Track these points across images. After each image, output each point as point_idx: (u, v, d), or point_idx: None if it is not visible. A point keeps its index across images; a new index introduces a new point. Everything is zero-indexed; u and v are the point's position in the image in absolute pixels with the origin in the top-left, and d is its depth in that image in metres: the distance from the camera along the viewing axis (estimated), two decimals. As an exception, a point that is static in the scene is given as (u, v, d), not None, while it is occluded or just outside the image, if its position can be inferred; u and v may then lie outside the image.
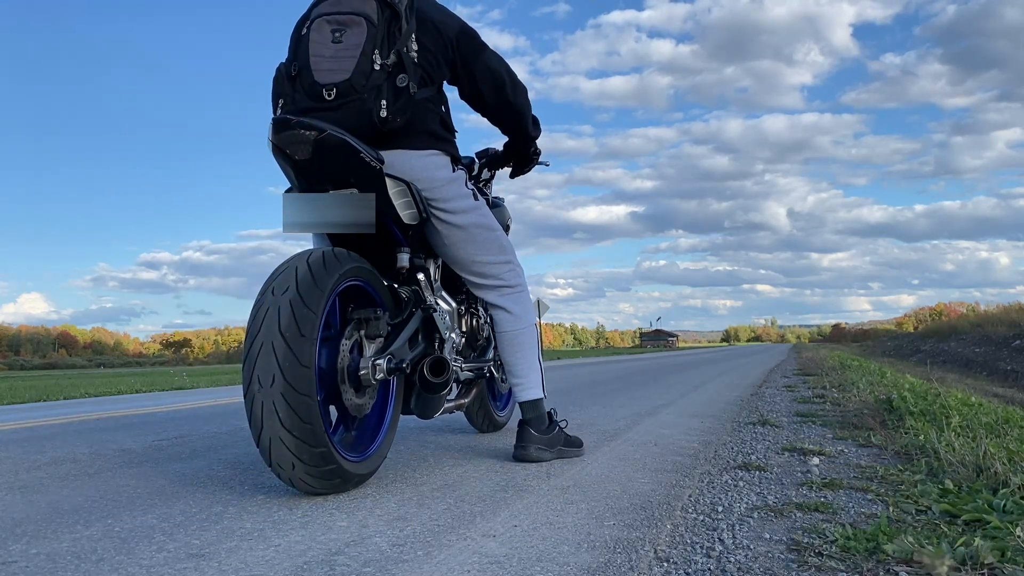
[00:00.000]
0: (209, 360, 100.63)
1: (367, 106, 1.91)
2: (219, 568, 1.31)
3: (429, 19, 2.08)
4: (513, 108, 2.34)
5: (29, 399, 7.30)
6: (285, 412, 1.63)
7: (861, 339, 74.75)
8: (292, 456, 1.67)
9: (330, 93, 1.92)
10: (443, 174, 2.13)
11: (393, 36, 1.97)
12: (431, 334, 2.26)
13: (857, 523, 1.55)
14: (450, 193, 2.14)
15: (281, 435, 1.64)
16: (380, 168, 1.96)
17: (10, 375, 45.20)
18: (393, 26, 1.97)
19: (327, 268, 1.77)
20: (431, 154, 2.10)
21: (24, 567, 1.34)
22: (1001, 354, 17.46)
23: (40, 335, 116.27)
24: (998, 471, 1.82)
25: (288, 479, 1.74)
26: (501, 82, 2.25)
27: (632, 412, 3.84)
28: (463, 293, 2.58)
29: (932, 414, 3.10)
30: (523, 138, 2.50)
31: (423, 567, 1.30)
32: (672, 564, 1.33)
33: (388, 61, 1.94)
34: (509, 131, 2.47)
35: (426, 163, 2.09)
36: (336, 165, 1.92)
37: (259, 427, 1.66)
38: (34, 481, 2.20)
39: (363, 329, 1.97)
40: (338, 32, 1.95)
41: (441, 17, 2.13)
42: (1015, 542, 1.34)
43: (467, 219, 2.19)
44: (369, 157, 1.93)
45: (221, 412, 4.42)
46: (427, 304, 2.23)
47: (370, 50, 1.93)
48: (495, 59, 2.24)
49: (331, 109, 1.92)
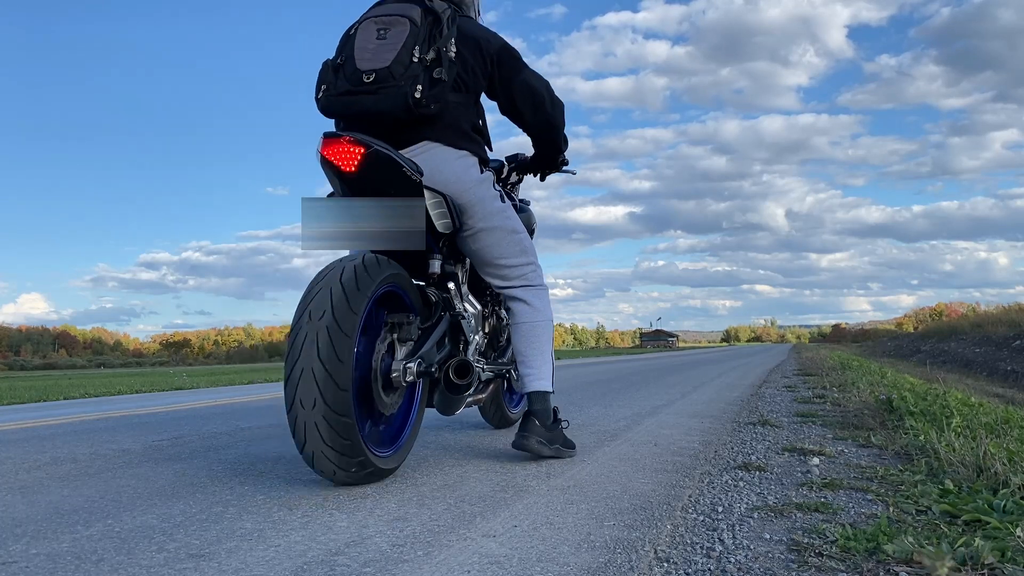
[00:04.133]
0: (209, 360, 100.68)
1: (403, 90, 2.02)
2: (219, 568, 1.31)
3: (471, 35, 2.22)
4: (551, 124, 2.45)
5: (29, 399, 7.30)
6: (326, 431, 1.77)
7: (861, 339, 74.79)
8: (333, 465, 1.83)
9: (369, 77, 2.04)
10: (473, 175, 2.22)
11: (433, 37, 2.11)
12: (457, 336, 2.36)
13: (857, 523, 1.55)
14: (479, 194, 2.23)
15: (323, 450, 1.79)
16: (419, 181, 2.07)
17: (10, 375, 45.21)
18: (435, 29, 2.12)
19: (360, 287, 1.85)
20: (463, 155, 2.21)
21: (24, 567, 1.34)
22: (1001, 354, 17.46)
23: (40, 335, 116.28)
24: (998, 471, 1.82)
25: (328, 478, 1.91)
26: (540, 100, 2.36)
27: (632, 412, 3.84)
28: (487, 295, 2.68)
29: (932, 414, 3.10)
30: (555, 150, 2.61)
31: (423, 567, 1.30)
32: (672, 564, 1.32)
33: (427, 56, 2.07)
34: (543, 144, 2.57)
35: (457, 164, 2.19)
36: (380, 178, 2.01)
37: (303, 441, 1.79)
38: (34, 481, 2.20)
39: (396, 333, 2.08)
40: (383, 30, 2.10)
41: (483, 35, 2.27)
42: (1015, 542, 1.34)
43: (494, 221, 2.28)
44: (410, 171, 2.03)
45: (221, 412, 4.42)
46: (456, 311, 2.33)
47: (411, 45, 2.07)
48: (534, 77, 2.35)
49: (369, 92, 2.04)
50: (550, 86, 2.41)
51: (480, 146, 2.29)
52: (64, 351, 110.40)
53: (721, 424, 3.40)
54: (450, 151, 2.17)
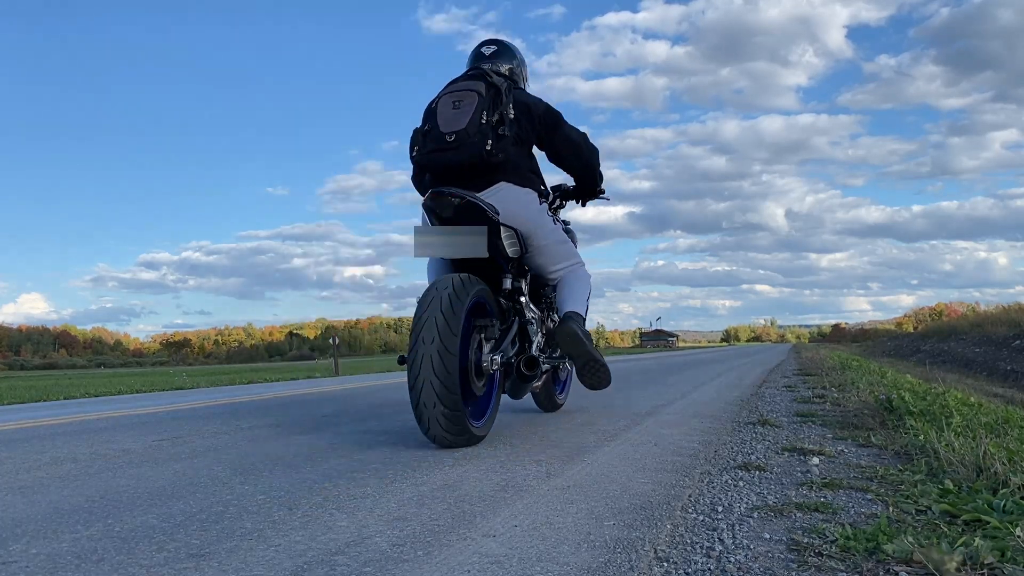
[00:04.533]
0: (209, 360, 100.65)
1: (477, 145, 2.63)
2: (219, 568, 1.31)
3: (523, 102, 2.86)
4: (588, 167, 3.17)
5: (29, 399, 7.30)
6: (444, 421, 2.44)
7: (861, 339, 74.77)
8: (448, 440, 2.50)
9: (450, 137, 2.66)
10: (534, 207, 2.89)
11: (496, 104, 2.73)
12: (524, 336, 2.99)
13: (857, 523, 1.55)
14: (539, 221, 2.91)
15: (441, 433, 2.47)
16: (497, 219, 2.71)
17: (10, 375, 45.24)
18: (496, 99, 2.74)
19: (455, 311, 2.44)
20: (527, 192, 2.85)
21: (24, 567, 1.34)
22: (1001, 354, 17.46)
23: (40, 335, 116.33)
24: (998, 471, 1.82)
25: (443, 446, 2.54)
26: (578, 148, 3.06)
27: (632, 412, 3.84)
28: (543, 303, 3.26)
29: (932, 414, 3.10)
30: (593, 184, 3.29)
31: (423, 567, 1.30)
32: (672, 564, 1.33)
33: (492, 119, 2.69)
34: (582, 181, 3.27)
35: (523, 198, 2.84)
36: (468, 218, 2.68)
37: (427, 428, 2.47)
38: (34, 481, 2.20)
39: (483, 333, 2.72)
40: (457, 102, 2.72)
41: (531, 101, 2.92)
42: (1015, 542, 1.33)
43: (549, 239, 2.97)
44: (491, 213, 2.69)
45: (221, 412, 4.42)
46: (525, 318, 2.97)
47: (479, 111, 2.68)
48: (573, 131, 3.03)
49: (452, 148, 2.65)
50: (586, 137, 3.08)
51: (537, 184, 2.96)
52: (64, 351, 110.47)
53: (721, 424, 3.40)
54: (518, 189, 2.80)
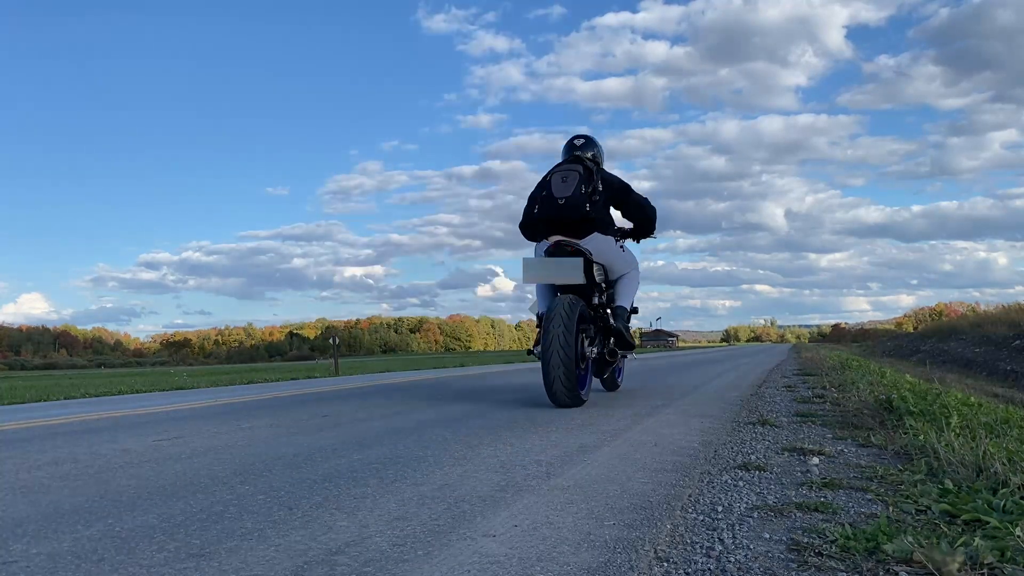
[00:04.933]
0: (209, 360, 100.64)
1: (580, 207, 4.15)
2: (219, 568, 1.31)
3: (606, 179, 4.39)
4: (649, 222, 4.63)
5: (29, 399, 7.30)
6: (566, 391, 3.88)
7: (861, 339, 74.73)
8: (567, 399, 3.91)
9: (562, 201, 4.16)
10: (616, 249, 4.48)
11: (589, 180, 4.25)
12: (607, 336, 4.44)
13: (857, 523, 1.56)
14: (617, 256, 4.50)
15: (563, 393, 3.89)
16: (591, 257, 4.26)
17: (10, 375, 45.20)
18: (589, 177, 4.27)
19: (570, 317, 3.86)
20: (609, 239, 4.39)
21: (25, 567, 1.34)
22: (1001, 354, 17.46)
23: (40, 335, 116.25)
24: (998, 471, 1.82)
25: (561, 406, 3.96)
26: (643, 212, 4.55)
27: (632, 412, 3.84)
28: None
29: (932, 414, 3.10)
30: (650, 231, 4.72)
31: (423, 567, 1.30)
32: (672, 564, 1.33)
33: (588, 189, 4.20)
34: (642, 228, 4.67)
35: (608, 243, 4.38)
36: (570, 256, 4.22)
37: (552, 391, 3.89)
38: (34, 481, 2.21)
39: (584, 333, 4.11)
40: (565, 177, 4.26)
41: (611, 178, 4.44)
42: (1015, 542, 1.34)
43: (624, 268, 4.57)
44: (588, 254, 4.22)
45: (221, 412, 4.42)
46: (609, 325, 4.42)
47: (580, 183, 4.20)
48: (640, 198, 4.51)
49: (562, 208, 4.15)
50: (649, 200, 4.56)
51: (615, 232, 4.51)
52: (64, 351, 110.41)
53: (721, 424, 3.41)
54: (605, 237, 4.31)
